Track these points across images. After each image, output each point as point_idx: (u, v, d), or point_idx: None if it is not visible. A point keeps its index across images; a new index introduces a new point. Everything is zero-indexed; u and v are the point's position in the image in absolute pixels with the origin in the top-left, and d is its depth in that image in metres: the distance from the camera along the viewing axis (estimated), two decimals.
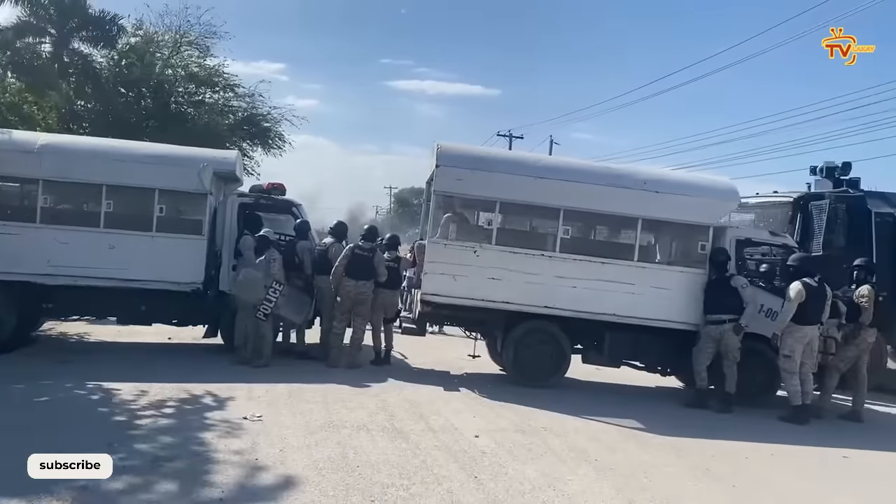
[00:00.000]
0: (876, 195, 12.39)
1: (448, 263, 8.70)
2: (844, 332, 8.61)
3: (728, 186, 9.31)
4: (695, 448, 6.49)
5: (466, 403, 7.69)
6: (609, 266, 8.89)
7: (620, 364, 9.43)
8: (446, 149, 8.90)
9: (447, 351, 11.20)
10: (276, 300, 8.88)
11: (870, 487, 5.76)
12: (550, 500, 4.77)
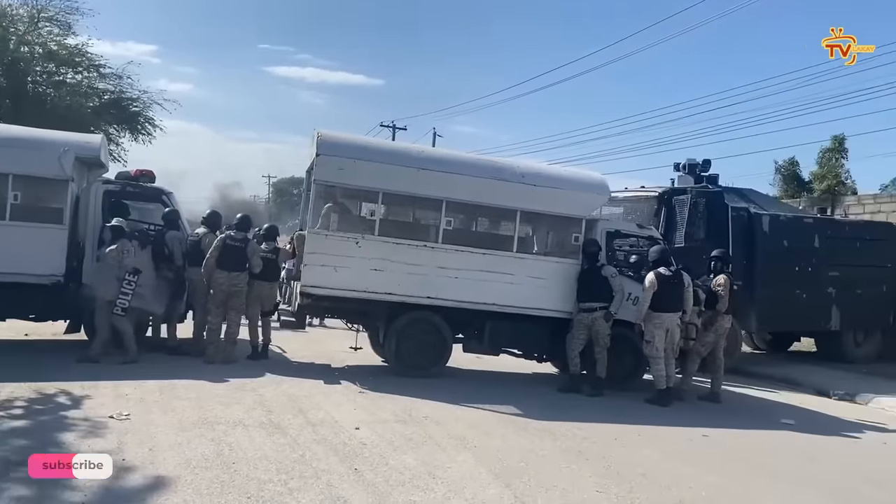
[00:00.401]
0: (732, 191, 13.34)
1: (329, 255, 8.56)
2: (703, 318, 9.20)
3: (600, 181, 9.71)
4: (568, 431, 6.73)
5: (347, 396, 7.62)
6: (490, 257, 9.05)
7: (500, 352, 9.65)
8: (327, 137, 8.76)
9: (328, 344, 11.05)
10: (131, 292, 8.40)
11: (729, 464, 6.16)
12: (430, 487, 4.81)
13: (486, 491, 4.84)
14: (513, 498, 4.73)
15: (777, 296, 12.53)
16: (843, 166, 18.80)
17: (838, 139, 19.35)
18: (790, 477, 5.91)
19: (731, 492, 5.29)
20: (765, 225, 12.58)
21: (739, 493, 5.27)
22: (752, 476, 5.81)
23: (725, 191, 12.94)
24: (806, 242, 13.00)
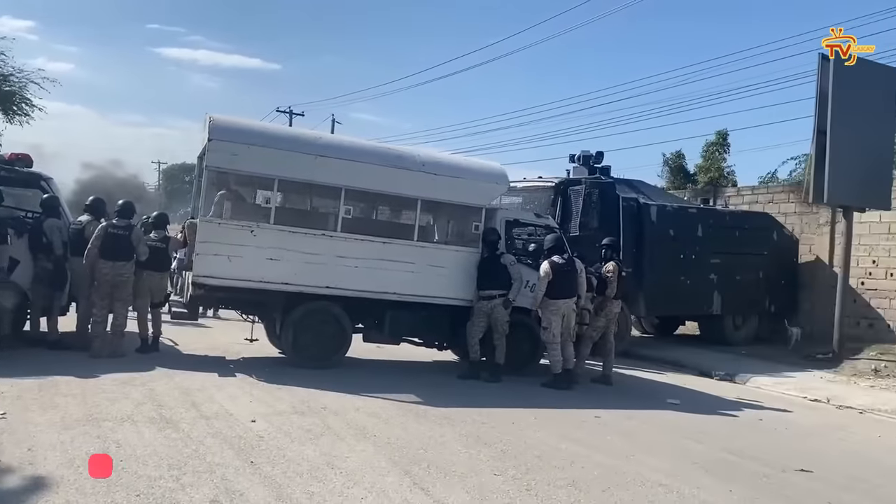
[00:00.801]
0: (623, 182, 13.88)
1: (222, 243, 8.28)
2: (594, 304, 9.53)
3: (499, 171, 9.85)
4: (467, 417, 6.82)
5: (243, 388, 7.42)
6: (390, 245, 9.02)
7: (400, 341, 9.65)
8: (220, 122, 8.45)
9: (222, 336, 10.74)
10: None
11: (619, 444, 6.41)
12: (329, 478, 4.75)
13: (386, 479, 4.83)
14: (412, 484, 4.75)
15: (664, 282, 13.16)
16: (725, 160, 19.91)
17: (721, 134, 20.47)
18: (675, 454, 6.20)
19: (620, 470, 5.49)
20: (653, 215, 13.17)
21: (629, 471, 5.48)
22: (641, 454, 6.05)
23: (617, 182, 13.44)
24: (690, 231, 13.72)
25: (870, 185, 12.74)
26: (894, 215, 13.90)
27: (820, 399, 9.83)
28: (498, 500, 4.57)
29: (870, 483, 5.76)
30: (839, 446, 7.16)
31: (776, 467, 6.01)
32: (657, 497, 4.91)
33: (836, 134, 12.14)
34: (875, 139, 12.70)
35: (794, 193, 16.03)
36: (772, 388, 10.49)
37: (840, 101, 12.14)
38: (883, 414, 9.07)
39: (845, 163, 12.19)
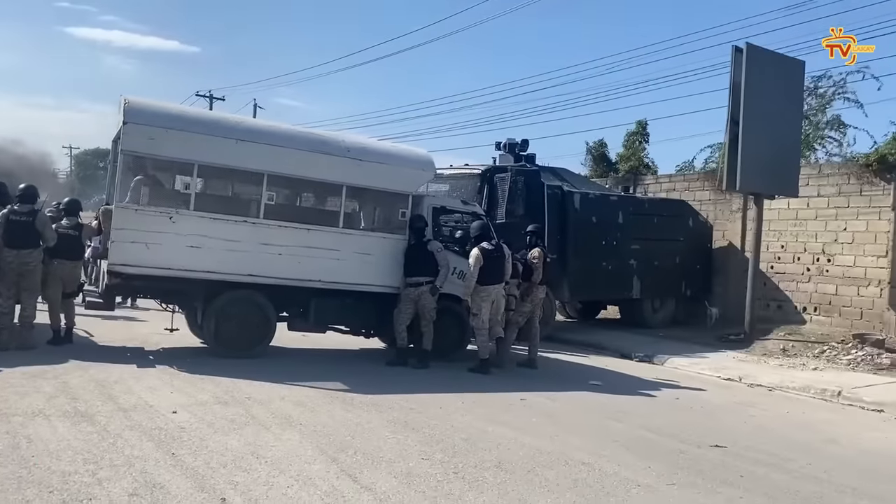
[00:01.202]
0: (548, 170, 14.09)
1: (140, 230, 7.99)
2: (520, 289, 9.67)
3: (425, 157, 9.83)
4: (395, 403, 6.82)
5: (163, 379, 7.21)
6: (315, 233, 8.90)
7: (326, 329, 9.56)
8: (136, 104, 8.13)
9: (141, 326, 10.40)
10: None
11: (544, 425, 6.53)
12: (253, 468, 4.67)
13: (312, 467, 4.78)
14: (339, 471, 4.72)
15: (587, 267, 13.48)
16: (644, 149, 20.42)
17: (641, 124, 20.97)
18: (598, 433, 6.38)
19: (545, 450, 5.61)
20: (576, 202, 13.44)
21: (553, 451, 5.60)
22: (565, 434, 6.20)
23: (542, 170, 13.65)
24: (611, 218, 14.07)
25: (779, 173, 13.33)
26: (802, 202, 14.60)
27: (732, 378, 10.27)
28: (425, 485, 4.59)
29: (779, 457, 6.05)
30: (750, 422, 7.49)
31: (692, 443, 6.26)
32: (580, 475, 5.04)
33: (748, 124, 12.64)
34: (784, 129, 13.29)
35: (709, 181, 16.60)
36: (688, 368, 10.90)
37: (752, 92, 12.64)
38: (790, 391, 9.55)
39: (756, 152, 12.71)
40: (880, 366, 11.09)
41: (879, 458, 6.36)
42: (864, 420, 8.08)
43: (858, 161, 14.12)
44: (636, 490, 4.82)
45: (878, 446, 6.81)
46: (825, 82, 19.86)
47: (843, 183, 14.15)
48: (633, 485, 4.92)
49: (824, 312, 14.33)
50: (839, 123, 20.19)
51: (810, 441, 6.79)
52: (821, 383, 9.66)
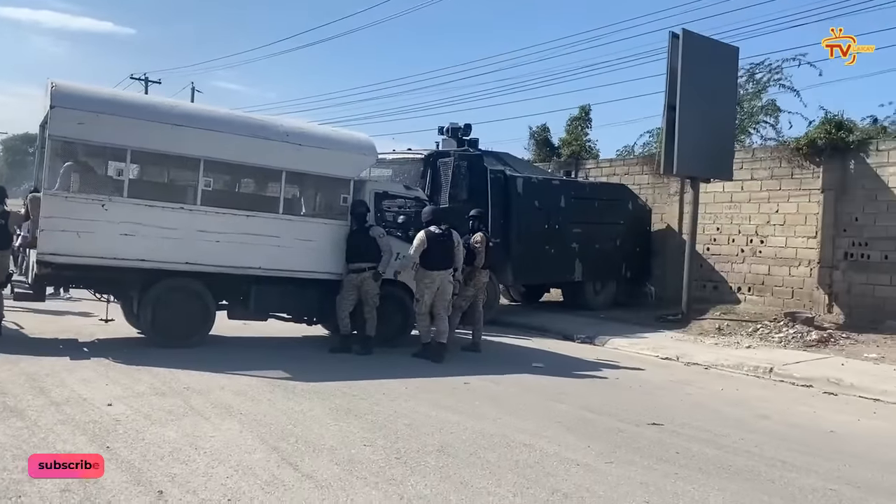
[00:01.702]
0: (491, 154, 14.13)
1: (70, 218, 7.73)
2: (463, 274, 9.70)
3: (367, 142, 9.75)
4: (337, 390, 6.79)
5: (98, 371, 7.01)
6: (254, 219, 8.76)
7: (268, 317, 9.43)
8: (64, 88, 7.83)
9: (75, 317, 10.07)
10: None
11: (487, 408, 6.59)
12: (192, 459, 4.59)
13: (252, 456, 4.73)
14: (280, 460, 4.68)
15: (529, 251, 13.59)
16: (587, 133, 20.66)
17: (584, 109, 21.21)
18: (539, 414, 6.47)
19: (487, 433, 5.66)
20: (519, 186, 13.52)
21: (496, 433, 5.66)
22: (507, 417, 6.27)
23: (485, 154, 13.68)
24: (554, 202, 14.21)
25: (714, 158, 13.65)
26: (736, 185, 15.01)
27: (670, 357, 10.54)
28: (367, 471, 4.59)
29: (713, 433, 6.24)
30: (686, 400, 7.71)
31: (630, 422, 6.41)
32: (521, 457, 5.11)
33: (685, 109, 12.89)
34: (719, 114, 13.60)
35: (648, 165, 16.92)
36: (628, 349, 11.14)
37: (688, 78, 12.88)
38: (725, 369, 9.85)
39: (692, 136, 12.99)
40: (809, 343, 11.53)
41: (808, 431, 6.62)
42: (794, 395, 8.39)
43: (790, 145, 14.57)
44: (576, 469, 4.91)
45: (807, 420, 7.08)
46: (762, 68, 20.45)
47: (775, 166, 14.59)
48: (572, 464, 5.02)
49: (758, 292, 14.81)
50: (774, 108, 20.80)
51: (743, 417, 7.03)
52: (753, 361, 9.99)
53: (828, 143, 13.53)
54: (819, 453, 5.79)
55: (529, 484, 4.53)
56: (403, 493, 4.24)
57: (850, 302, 13.34)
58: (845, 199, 13.49)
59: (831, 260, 13.61)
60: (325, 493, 4.16)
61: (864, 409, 7.75)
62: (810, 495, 4.73)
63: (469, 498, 4.22)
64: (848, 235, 13.48)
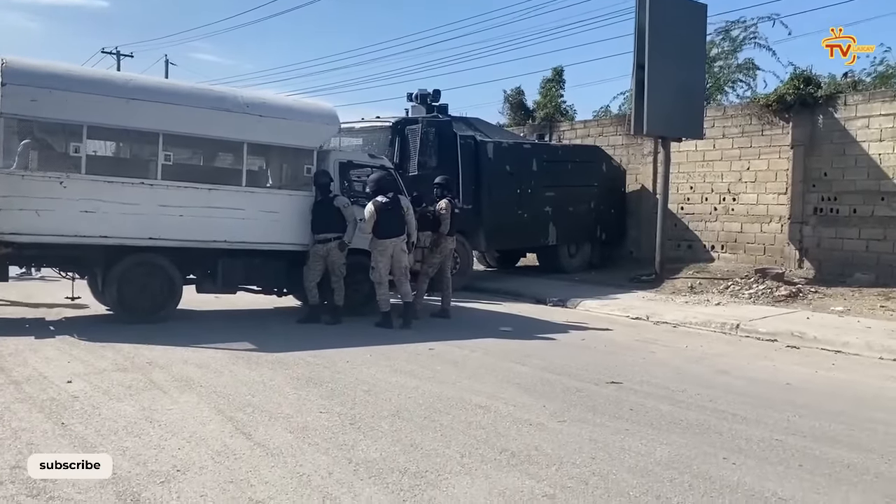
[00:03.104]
0: (460, 120, 14.08)
1: (28, 197, 7.67)
2: (430, 241, 9.73)
3: (329, 111, 9.67)
4: (301, 360, 6.84)
5: (62, 349, 7.02)
6: (217, 192, 8.73)
7: (236, 290, 9.44)
8: (14, 64, 7.69)
9: (43, 296, 10.03)
10: None
11: (447, 372, 6.67)
12: (145, 432, 4.64)
13: (206, 427, 4.78)
14: (234, 430, 4.73)
15: (502, 216, 13.62)
16: (561, 95, 20.57)
17: (557, 70, 21.08)
18: (499, 377, 6.54)
19: (445, 396, 5.74)
20: (489, 151, 13.50)
21: (453, 396, 5.74)
22: (467, 380, 6.35)
23: (454, 120, 13.63)
24: (525, 166, 14.22)
25: (684, 116, 13.66)
26: (708, 144, 15.06)
27: (640, 317, 10.67)
28: (320, 437, 4.65)
29: (669, 389, 6.35)
30: (649, 358, 7.81)
31: (590, 381, 6.51)
32: (475, 418, 5.19)
33: (654, 68, 12.86)
34: (688, 73, 13.57)
35: (622, 126, 16.91)
36: (598, 310, 11.25)
37: (656, 36, 12.83)
38: (692, 326, 9.99)
39: (662, 95, 12.97)
40: (778, 298, 11.70)
41: (765, 385, 6.74)
42: (757, 350, 8.52)
43: (759, 102, 14.59)
44: (528, 429, 5.00)
45: (766, 374, 7.21)
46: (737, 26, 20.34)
47: (745, 124, 14.64)
48: (525, 424, 5.10)
49: (730, 250, 14.95)
50: (750, 67, 20.74)
51: (702, 373, 7.15)
52: (721, 318, 10.13)
53: (796, 98, 13.58)
54: (771, 405, 5.90)
55: (479, 444, 4.61)
56: (353, 457, 4.31)
57: (819, 256, 13.52)
58: (814, 154, 13.59)
59: (801, 215, 13.75)
60: (274, 460, 4.22)
61: (823, 362, 7.90)
62: (755, 446, 4.83)
63: (417, 459, 4.30)
64: (817, 191, 13.60)
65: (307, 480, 3.93)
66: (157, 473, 3.97)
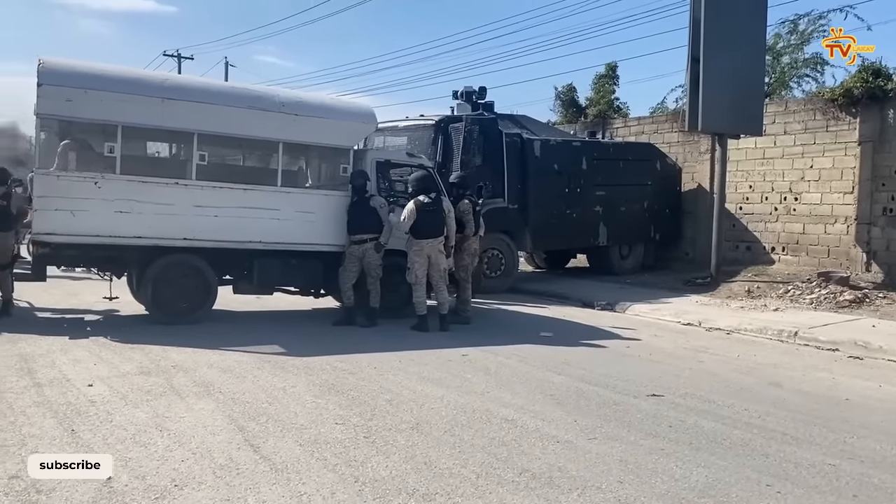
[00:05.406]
0: (507, 117, 13.74)
1: (64, 197, 7.70)
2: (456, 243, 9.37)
3: (365, 110, 9.49)
4: (328, 365, 6.64)
5: (92, 351, 6.99)
6: (252, 192, 8.64)
7: (273, 291, 9.35)
8: (50, 65, 7.73)
9: (86, 294, 10.15)
10: None
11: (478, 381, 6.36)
12: (152, 442, 4.48)
13: (215, 438, 4.59)
14: (242, 441, 4.53)
15: (549, 216, 13.25)
16: (614, 92, 19.97)
17: (611, 66, 20.49)
18: (532, 387, 6.19)
19: (470, 408, 5.44)
20: (536, 150, 13.12)
21: (478, 408, 5.43)
22: (497, 390, 6.03)
23: (500, 117, 13.30)
24: (574, 165, 13.78)
25: (742, 112, 13.01)
26: (769, 141, 14.34)
27: (692, 323, 10.14)
28: (330, 451, 4.41)
29: (715, 403, 5.91)
30: (696, 369, 7.34)
31: (629, 394, 6.11)
32: (498, 433, 4.87)
33: (709, 61, 12.28)
34: (747, 66, 12.91)
35: (677, 122, 16.29)
36: (648, 315, 10.77)
37: (712, 27, 12.25)
38: (747, 333, 9.43)
39: (718, 90, 12.38)
40: (842, 304, 10.99)
41: (821, 400, 6.22)
42: (815, 361, 7.95)
43: (824, 96, 13.80)
44: (553, 447, 4.65)
45: (823, 388, 6.68)
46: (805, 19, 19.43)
47: (809, 119, 13.88)
48: (551, 441, 4.76)
49: (792, 252, 14.20)
50: (818, 61, 19.80)
51: (753, 386, 6.65)
52: (779, 324, 9.54)
53: (864, 91, 12.78)
54: (826, 424, 5.41)
55: (498, 464, 4.30)
56: (360, 475, 4.05)
57: (888, 260, 12.70)
58: (883, 150, 12.77)
59: (869, 216, 12.95)
60: (277, 476, 4.00)
61: (889, 375, 7.29)
62: (805, 471, 4.39)
63: (428, 480, 4.02)
64: (886, 189, 12.78)
65: (307, 501, 3.69)
66: (154, 488, 3.79)
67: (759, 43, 13.43)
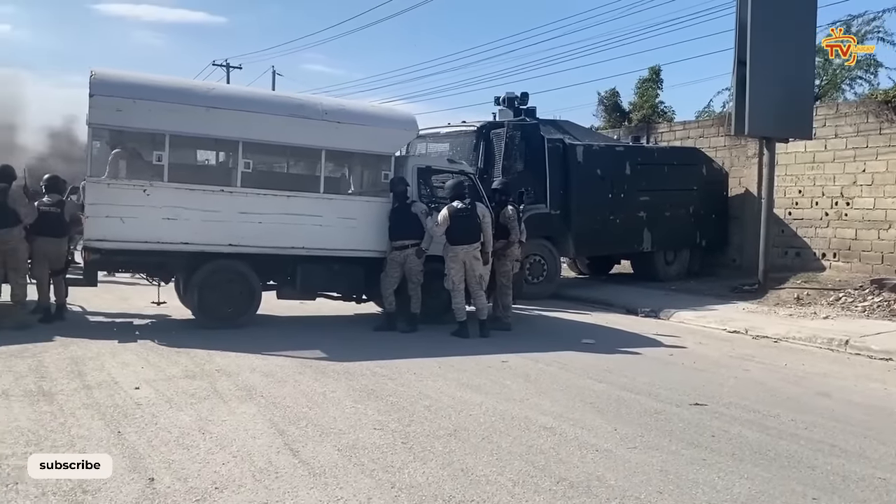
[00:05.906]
0: (549, 123, 13.69)
1: (114, 205, 7.93)
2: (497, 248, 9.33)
3: (406, 117, 9.55)
4: (368, 371, 6.68)
5: (139, 354, 7.17)
6: (295, 199, 8.76)
7: (315, 296, 9.46)
8: (101, 76, 7.97)
9: (136, 299, 10.41)
10: None
11: (517, 388, 6.34)
12: (195, 445, 4.57)
13: (256, 441, 4.66)
14: (282, 445, 4.59)
15: (592, 222, 13.15)
16: (658, 96, 19.75)
17: (654, 70, 20.30)
18: (572, 395, 6.14)
19: (509, 415, 5.42)
20: (579, 155, 13.04)
21: (517, 415, 5.41)
22: (536, 397, 6.00)
23: (542, 123, 13.26)
24: (618, 170, 13.65)
25: (791, 116, 12.73)
26: (819, 144, 13.99)
27: (738, 330, 9.94)
28: (367, 457, 4.44)
29: (760, 413, 5.78)
30: (742, 377, 7.19)
31: (671, 402, 6.01)
32: (536, 441, 4.84)
33: (756, 64, 12.05)
34: (795, 69, 12.64)
35: (723, 126, 16.00)
36: (693, 322, 10.59)
37: (759, 28, 12.02)
38: (795, 342, 9.20)
39: (766, 93, 12.13)
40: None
41: (872, 411, 6.04)
42: (867, 370, 7.71)
43: (877, 98, 13.40)
44: (592, 455, 4.60)
45: (874, 399, 6.47)
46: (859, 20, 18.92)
47: (861, 122, 13.50)
48: (590, 449, 4.71)
49: (843, 258, 13.82)
50: (871, 63, 19.26)
51: (800, 395, 6.49)
52: (829, 333, 9.28)
53: None
54: (878, 436, 5.25)
55: (535, 472, 4.27)
56: (397, 480, 4.07)
57: None
58: None
59: None
60: (315, 480, 4.04)
61: None
62: (853, 485, 4.26)
63: (464, 487, 4.01)
64: None
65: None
66: (195, 490, 3.86)
67: (808, 45, 13.11)
